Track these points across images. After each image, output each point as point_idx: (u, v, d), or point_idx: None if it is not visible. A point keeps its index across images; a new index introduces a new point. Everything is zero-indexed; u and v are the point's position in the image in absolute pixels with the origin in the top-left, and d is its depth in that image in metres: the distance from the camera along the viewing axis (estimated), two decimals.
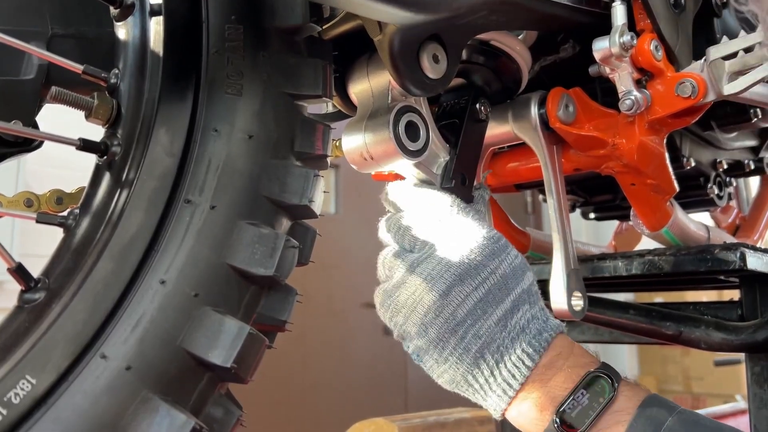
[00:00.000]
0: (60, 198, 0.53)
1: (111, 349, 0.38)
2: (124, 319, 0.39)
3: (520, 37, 0.68)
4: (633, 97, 0.62)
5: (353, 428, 1.09)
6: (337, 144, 0.82)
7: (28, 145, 0.49)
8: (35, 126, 0.50)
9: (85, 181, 0.50)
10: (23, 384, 0.36)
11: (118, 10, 0.46)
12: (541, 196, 0.93)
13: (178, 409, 0.38)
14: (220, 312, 0.41)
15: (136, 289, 0.40)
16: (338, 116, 0.73)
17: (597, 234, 3.57)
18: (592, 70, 0.65)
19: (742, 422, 0.82)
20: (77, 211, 0.43)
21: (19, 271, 0.40)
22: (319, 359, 3.19)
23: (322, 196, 0.47)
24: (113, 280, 0.40)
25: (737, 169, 0.86)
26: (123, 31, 0.46)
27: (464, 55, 0.64)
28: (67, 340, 0.38)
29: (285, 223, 0.45)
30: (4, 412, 0.35)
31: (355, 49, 0.60)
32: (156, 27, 0.45)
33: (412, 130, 0.58)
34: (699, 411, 1.87)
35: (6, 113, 0.49)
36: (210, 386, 0.41)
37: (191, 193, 0.42)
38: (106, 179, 0.44)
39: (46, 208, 0.52)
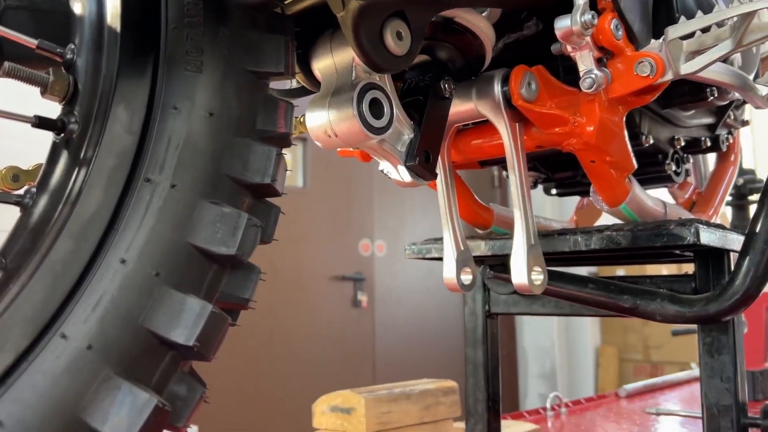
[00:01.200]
0: (16, 175, 0.52)
1: (71, 329, 0.38)
2: (85, 298, 0.39)
3: (484, 14, 0.68)
4: (593, 76, 0.63)
5: (320, 400, 1.10)
6: (301, 120, 0.82)
7: None
8: None
9: (43, 156, 0.49)
10: None
11: None
12: (504, 172, 0.94)
13: (141, 387, 0.39)
14: (182, 291, 0.41)
15: (96, 269, 0.39)
16: (301, 92, 0.72)
17: (562, 209, 3.64)
18: (554, 48, 0.66)
19: (697, 389, 0.85)
20: (34, 189, 0.43)
21: None
22: (288, 332, 3.20)
23: (285, 174, 0.47)
24: (72, 259, 0.39)
25: (694, 146, 0.88)
26: (78, 5, 0.45)
27: (428, 32, 0.64)
28: (26, 321, 0.38)
29: (247, 202, 0.45)
30: None
31: (318, 24, 0.59)
32: (112, 1, 0.44)
33: (376, 108, 0.58)
34: (656, 379, 1.93)
35: None
36: (173, 364, 0.41)
37: (151, 171, 0.42)
38: (64, 157, 0.43)
39: (1, 186, 0.51)
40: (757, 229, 0.70)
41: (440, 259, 0.88)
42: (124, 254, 0.40)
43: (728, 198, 1.65)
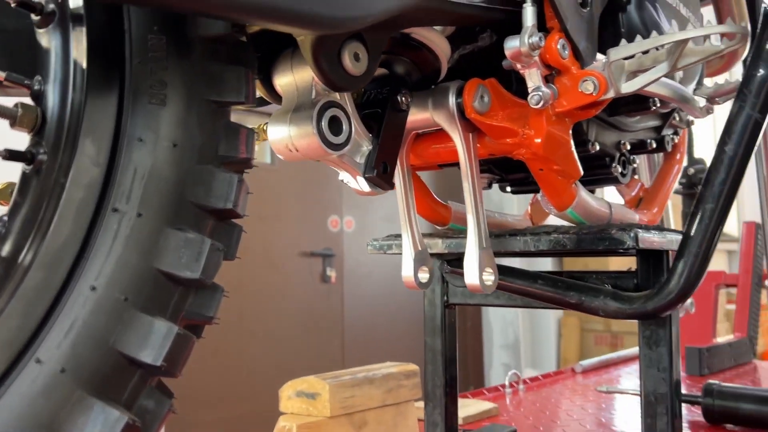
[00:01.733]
0: None
1: (45, 354, 0.41)
2: (57, 324, 0.42)
3: (438, 29, 0.71)
4: (540, 93, 0.67)
5: (286, 386, 1.14)
6: (264, 128, 0.84)
7: None
8: None
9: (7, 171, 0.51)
10: None
11: (39, 17, 0.46)
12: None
13: (112, 406, 0.42)
14: (150, 314, 0.44)
15: (67, 296, 0.42)
16: (261, 102, 0.75)
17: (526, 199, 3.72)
18: (505, 64, 0.69)
19: None
20: (6, 218, 0.45)
21: None
22: (258, 308, 3.24)
23: (247, 197, 0.50)
24: (45, 287, 0.42)
25: (640, 148, 0.93)
26: (45, 38, 0.47)
27: (386, 46, 0.67)
28: (2, 347, 0.40)
29: (211, 225, 0.48)
30: None
31: (278, 41, 0.62)
32: (78, 36, 0.46)
33: (335, 125, 0.61)
34: (611, 354, 2.01)
35: None
36: (141, 382, 0.44)
37: (118, 201, 0.44)
38: (34, 187, 0.45)
39: None
40: (692, 233, 0.75)
41: (400, 254, 0.92)
42: (94, 281, 0.43)
43: (679, 186, 1.72)
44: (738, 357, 1.91)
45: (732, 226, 5.65)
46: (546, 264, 4.10)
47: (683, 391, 1.45)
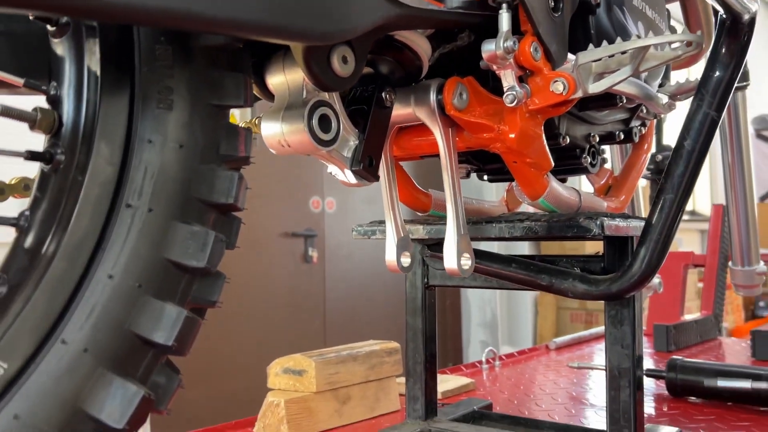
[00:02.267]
0: (2, 189, 0.58)
1: (69, 335, 0.46)
2: (79, 309, 0.46)
3: (420, 30, 0.75)
4: (515, 92, 0.72)
5: (274, 363, 1.20)
6: (256, 122, 0.89)
7: None
8: None
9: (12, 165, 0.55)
10: None
11: (54, 28, 0.50)
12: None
13: (130, 381, 0.47)
14: (161, 299, 0.49)
15: (87, 284, 0.47)
16: (254, 98, 0.79)
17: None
18: (482, 64, 0.74)
19: None
20: (28, 213, 0.50)
21: None
22: (240, 288, 3.28)
23: (246, 192, 0.55)
24: (67, 276, 0.47)
25: (609, 139, 0.99)
26: (60, 47, 0.51)
27: (370, 48, 0.72)
28: (31, 329, 0.45)
29: (213, 218, 0.53)
30: None
31: (270, 44, 0.66)
32: (91, 46, 0.50)
33: (324, 123, 0.66)
34: (583, 332, 2.09)
35: None
36: (154, 360, 0.49)
37: (131, 198, 0.49)
38: (52, 184, 0.50)
39: None
40: (653, 221, 0.81)
41: (383, 239, 0.97)
42: (111, 270, 0.47)
43: (647, 173, 1.79)
44: (704, 334, 2.00)
45: (705, 205, 5.79)
46: (524, 247, 4.19)
47: (651, 366, 1.53)
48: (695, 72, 1.57)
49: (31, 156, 0.49)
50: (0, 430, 0.43)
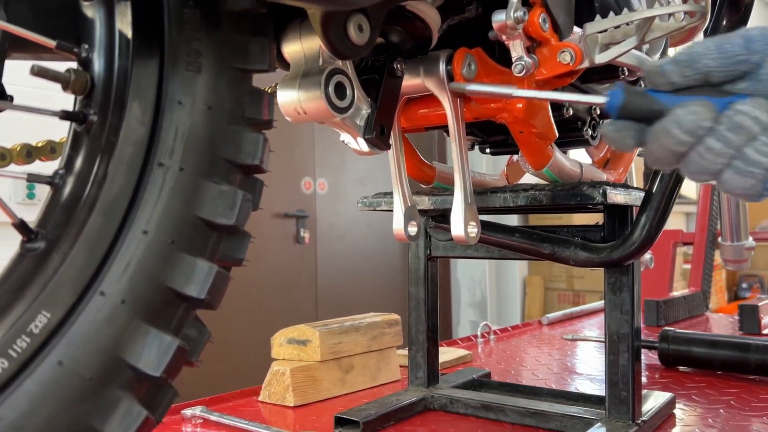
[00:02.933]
0: (29, 151, 0.60)
1: (108, 287, 0.48)
2: (116, 262, 0.48)
3: (430, 1, 0.77)
4: (523, 62, 0.74)
5: (278, 334, 1.22)
6: (269, 90, 0.90)
7: None
8: (3, 88, 0.56)
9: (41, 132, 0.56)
10: (41, 318, 0.45)
11: None
12: (445, 134, 1.05)
13: (164, 332, 0.49)
14: (192, 255, 0.51)
15: (123, 239, 0.49)
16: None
17: (495, 163, 3.82)
18: (491, 35, 0.76)
19: None
20: (62, 171, 0.51)
21: (22, 225, 0.48)
22: (233, 270, 3.29)
23: (269, 155, 0.57)
24: (104, 231, 0.48)
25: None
26: (90, 10, 0.52)
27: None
28: (71, 281, 0.47)
29: (239, 179, 0.55)
30: (28, 340, 0.45)
31: (287, 11, 0.68)
32: (122, 9, 0.51)
33: (340, 90, 0.68)
34: (575, 308, 2.13)
35: None
36: (186, 313, 0.51)
37: (163, 157, 0.51)
38: (86, 144, 0.51)
39: (17, 161, 0.59)
40: (654, 190, 0.84)
41: (389, 211, 0.99)
42: (145, 226, 0.49)
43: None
44: (692, 309, 2.05)
45: (691, 189, 5.86)
46: (512, 220, 4.22)
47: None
48: None
49: (66, 116, 0.51)
50: (45, 376, 0.45)
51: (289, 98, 0.67)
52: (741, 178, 0.47)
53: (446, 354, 1.46)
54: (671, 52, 1.07)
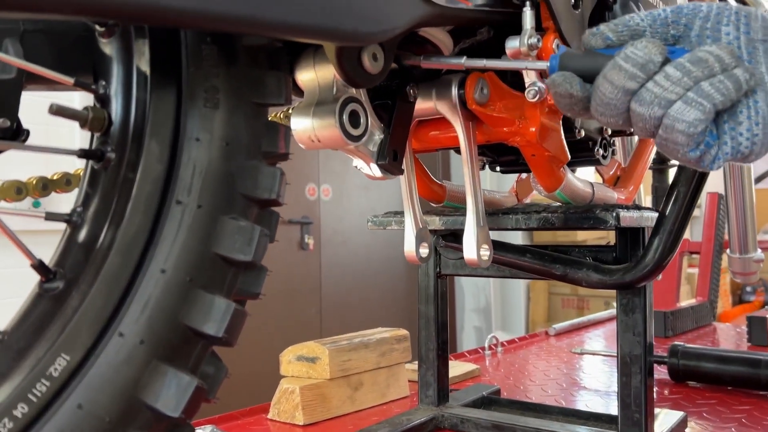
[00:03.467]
0: (45, 184, 0.59)
1: (126, 328, 0.47)
2: (135, 302, 0.48)
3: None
4: (537, 88, 0.74)
5: (287, 351, 1.22)
6: (280, 116, 0.90)
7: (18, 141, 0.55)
8: (19, 122, 0.56)
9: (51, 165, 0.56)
10: (60, 360, 0.45)
11: (103, 29, 0.51)
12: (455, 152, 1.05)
13: (183, 371, 0.49)
14: (210, 292, 0.51)
15: (141, 278, 0.48)
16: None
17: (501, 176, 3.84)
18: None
19: None
20: (80, 209, 0.51)
21: (40, 266, 0.48)
22: None
23: (285, 188, 0.57)
24: (122, 271, 0.48)
25: (620, 132, 1.01)
26: (108, 47, 0.52)
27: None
28: (90, 322, 0.47)
29: (257, 214, 0.55)
30: (48, 384, 0.45)
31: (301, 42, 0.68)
32: (140, 46, 0.51)
33: (354, 118, 0.68)
34: (582, 318, 2.12)
35: None
36: (203, 351, 0.51)
37: (181, 194, 0.50)
38: (103, 182, 0.51)
39: (32, 194, 0.58)
40: (667, 213, 0.84)
41: (399, 229, 0.99)
42: (163, 265, 0.49)
43: (650, 163, 1.82)
44: (699, 320, 2.04)
45: None
46: (517, 237, 4.22)
47: None
48: None
49: (84, 154, 0.51)
50: (65, 420, 0.44)
51: (303, 126, 0.67)
52: (688, 107, 0.47)
53: (455, 368, 1.46)
54: None
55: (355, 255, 4.08)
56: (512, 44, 0.71)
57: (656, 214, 0.88)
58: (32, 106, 0.66)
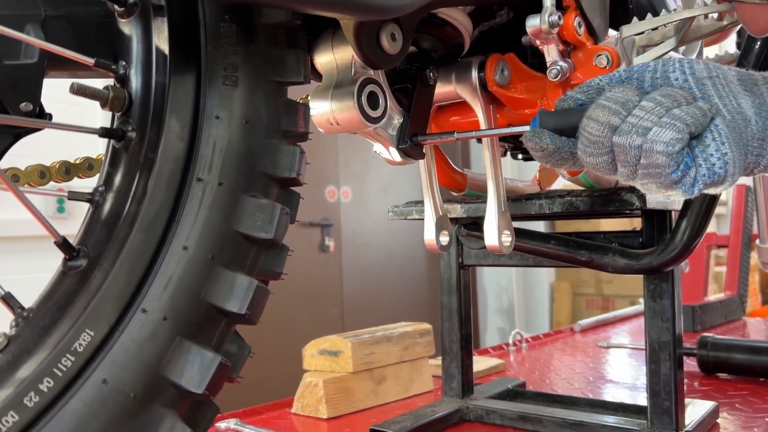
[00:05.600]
0: (68, 168, 0.60)
1: (149, 304, 0.47)
2: (157, 279, 0.48)
3: (461, 8, 0.76)
4: (559, 67, 0.73)
5: (310, 345, 1.22)
6: (300, 101, 0.90)
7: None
8: (42, 106, 0.56)
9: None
10: (84, 336, 0.45)
11: (122, 9, 0.52)
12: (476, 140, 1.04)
13: (206, 348, 0.49)
14: (232, 270, 0.50)
15: (163, 255, 0.48)
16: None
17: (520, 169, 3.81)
18: (525, 39, 0.75)
19: (644, 323, 0.98)
20: (102, 188, 0.51)
21: (64, 243, 0.48)
22: None
23: (305, 167, 0.57)
24: (144, 248, 0.48)
25: None
26: (127, 27, 0.52)
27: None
28: (114, 299, 0.47)
29: (277, 192, 0.55)
30: (73, 359, 0.45)
31: (318, 23, 0.67)
32: (159, 25, 0.51)
33: (372, 100, 0.67)
34: (608, 314, 2.09)
35: (14, 97, 0.54)
36: (227, 328, 0.51)
37: (202, 172, 0.50)
38: (125, 161, 0.51)
39: (56, 179, 0.59)
40: None
41: (420, 219, 0.98)
42: (185, 242, 0.49)
43: None
44: (728, 314, 2.00)
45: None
46: (539, 227, 4.18)
47: None
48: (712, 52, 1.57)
49: (105, 133, 0.51)
50: (91, 395, 0.44)
51: (321, 109, 0.67)
52: (664, 129, 0.51)
53: (479, 363, 1.44)
54: (706, 52, 1.05)
55: (376, 257, 4.07)
56: (533, 22, 0.70)
57: (682, 198, 0.86)
58: (54, 94, 0.66)
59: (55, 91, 0.64)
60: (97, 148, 0.62)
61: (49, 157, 0.63)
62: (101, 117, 2.31)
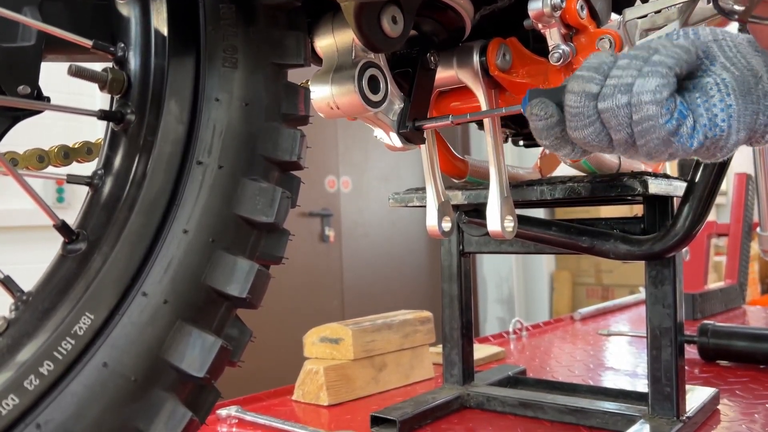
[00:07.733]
0: (66, 153, 0.59)
1: (149, 288, 0.47)
2: (157, 263, 0.48)
3: None
4: (561, 50, 0.72)
5: (310, 332, 1.22)
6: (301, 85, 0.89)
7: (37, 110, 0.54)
8: (40, 90, 0.55)
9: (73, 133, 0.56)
10: (84, 319, 0.45)
11: None
12: (477, 126, 1.04)
13: (207, 332, 0.48)
14: (233, 253, 0.50)
15: (164, 238, 0.48)
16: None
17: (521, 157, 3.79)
18: (527, 23, 0.74)
19: (644, 311, 0.98)
20: (101, 171, 0.51)
21: (63, 227, 0.48)
22: None
23: (306, 151, 0.56)
24: (144, 231, 0.48)
25: None
26: (126, 9, 0.52)
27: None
28: (114, 282, 0.46)
29: (278, 176, 0.54)
30: (73, 342, 0.44)
31: (319, 5, 0.67)
32: (158, 6, 0.51)
33: (373, 84, 0.67)
34: (608, 302, 2.10)
35: (12, 80, 0.54)
36: (228, 312, 0.51)
37: (201, 155, 0.50)
38: (124, 144, 0.51)
39: (54, 163, 0.58)
40: (697, 179, 0.82)
41: (420, 207, 0.98)
42: (185, 225, 0.49)
43: None
44: (728, 302, 2.01)
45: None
46: (538, 214, 4.17)
47: None
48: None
49: (104, 115, 0.50)
50: (91, 378, 0.44)
51: (322, 93, 0.66)
52: (647, 78, 0.49)
53: (479, 351, 1.44)
54: None
55: (376, 247, 4.07)
56: (535, 5, 0.70)
57: (685, 184, 0.86)
58: (53, 84, 0.66)
59: (53, 81, 0.64)
60: (96, 133, 0.62)
61: (48, 143, 0.62)
62: (101, 104, 2.30)
